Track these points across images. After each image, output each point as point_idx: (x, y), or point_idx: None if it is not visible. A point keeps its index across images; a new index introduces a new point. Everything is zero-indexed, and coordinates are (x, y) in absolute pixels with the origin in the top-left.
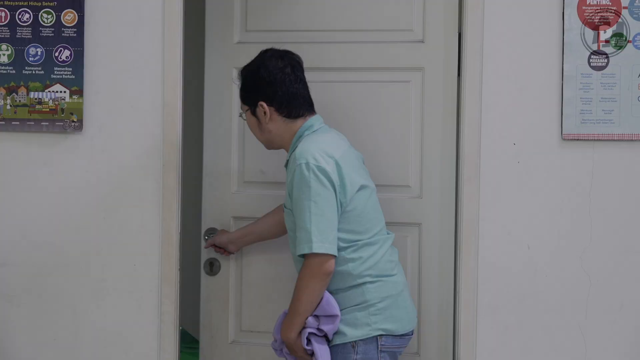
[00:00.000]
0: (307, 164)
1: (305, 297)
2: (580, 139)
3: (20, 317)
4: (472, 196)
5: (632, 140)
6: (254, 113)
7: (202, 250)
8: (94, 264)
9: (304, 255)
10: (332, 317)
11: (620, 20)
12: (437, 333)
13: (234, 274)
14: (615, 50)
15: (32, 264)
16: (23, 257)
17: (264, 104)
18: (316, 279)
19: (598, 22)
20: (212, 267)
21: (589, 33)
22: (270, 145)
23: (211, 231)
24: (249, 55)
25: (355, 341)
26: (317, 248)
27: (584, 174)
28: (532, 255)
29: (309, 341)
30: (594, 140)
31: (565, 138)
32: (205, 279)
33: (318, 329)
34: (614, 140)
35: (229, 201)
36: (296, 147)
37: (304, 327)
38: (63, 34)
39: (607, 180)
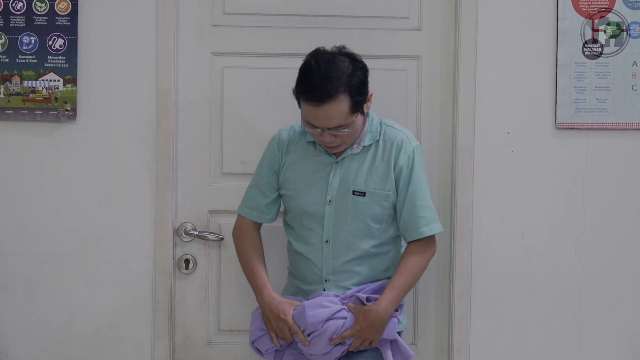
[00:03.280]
0: (419, 146)
1: (419, 275)
2: (574, 128)
3: (15, 305)
4: (466, 185)
5: (625, 129)
6: (363, 112)
7: (176, 247)
8: (88, 253)
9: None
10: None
11: (614, 9)
12: (433, 323)
13: (212, 271)
14: (609, 39)
15: (27, 253)
16: (18, 246)
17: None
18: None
19: (593, 11)
20: (188, 265)
21: (584, 22)
22: (353, 141)
23: (184, 227)
24: (225, 39)
25: (401, 331)
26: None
27: (578, 163)
28: (526, 244)
29: None
30: (588, 129)
31: (559, 127)
32: (180, 278)
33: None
34: (607, 129)
35: (205, 194)
36: (380, 132)
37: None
38: (57, 23)
39: (601, 169)
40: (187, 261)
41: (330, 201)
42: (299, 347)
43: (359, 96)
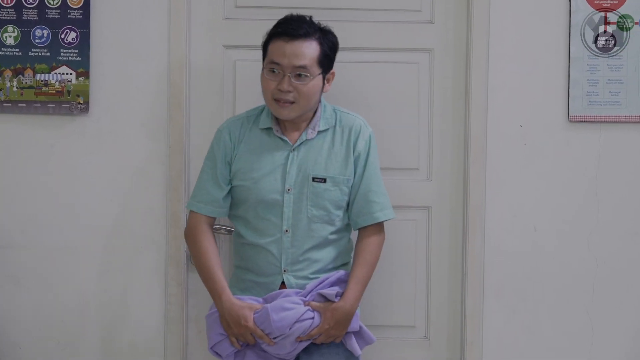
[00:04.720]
0: (373, 132)
1: (376, 264)
2: (587, 121)
3: (27, 298)
4: (478, 178)
5: (638, 122)
6: (324, 78)
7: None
8: (101, 246)
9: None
10: None
11: (627, 1)
12: (446, 317)
13: (224, 264)
14: (622, 31)
15: (39, 246)
16: (29, 239)
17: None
18: None
19: (605, 3)
20: None
21: (596, 15)
22: (306, 111)
23: None
24: (238, 32)
25: None
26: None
27: (591, 156)
28: (538, 238)
29: None
30: (601, 122)
31: (572, 120)
32: (192, 271)
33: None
34: (620, 122)
35: None
36: (335, 118)
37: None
38: (69, 16)
39: (613, 162)
40: None
41: (289, 190)
42: (262, 347)
43: (330, 52)
